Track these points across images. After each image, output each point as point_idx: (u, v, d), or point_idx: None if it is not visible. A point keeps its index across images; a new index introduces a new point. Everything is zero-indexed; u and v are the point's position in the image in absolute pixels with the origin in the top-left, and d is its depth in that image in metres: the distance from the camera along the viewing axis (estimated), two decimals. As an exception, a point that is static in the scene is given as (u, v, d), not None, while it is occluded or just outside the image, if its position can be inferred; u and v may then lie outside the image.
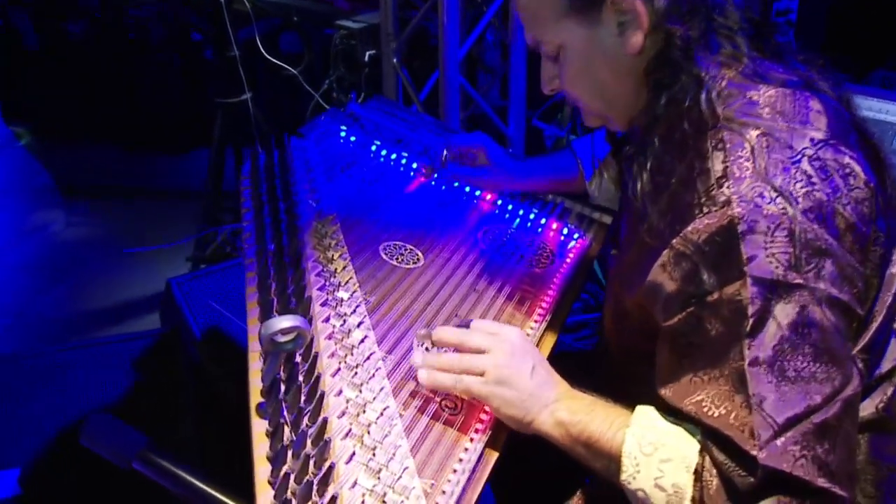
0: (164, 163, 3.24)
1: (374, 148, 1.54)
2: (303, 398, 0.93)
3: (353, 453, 0.93)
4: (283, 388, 0.92)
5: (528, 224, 1.46)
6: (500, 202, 1.49)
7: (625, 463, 0.86)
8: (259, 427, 0.91)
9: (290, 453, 0.85)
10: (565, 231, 1.46)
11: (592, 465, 0.94)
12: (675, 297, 0.90)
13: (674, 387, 0.90)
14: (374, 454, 0.93)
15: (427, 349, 1.03)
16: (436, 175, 1.46)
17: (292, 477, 0.82)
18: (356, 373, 1.02)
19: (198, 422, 1.79)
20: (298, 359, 0.99)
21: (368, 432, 0.95)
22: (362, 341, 1.07)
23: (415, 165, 1.53)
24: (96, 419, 0.88)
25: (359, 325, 1.09)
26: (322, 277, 1.16)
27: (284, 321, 0.89)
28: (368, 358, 1.05)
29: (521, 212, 1.49)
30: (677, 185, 0.92)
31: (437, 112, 2.42)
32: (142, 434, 0.89)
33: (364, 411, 0.97)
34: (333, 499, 0.81)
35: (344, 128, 1.57)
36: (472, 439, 0.99)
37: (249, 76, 2.22)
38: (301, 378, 0.95)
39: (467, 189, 1.50)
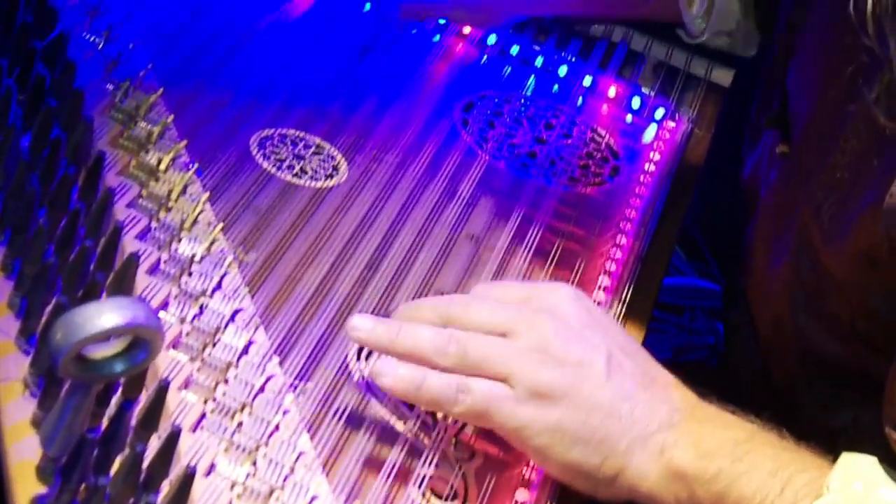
0: None
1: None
2: (141, 479, 0.90)
3: None
4: (93, 457, 0.89)
5: (556, 88, 1.47)
6: (492, 39, 1.49)
7: None
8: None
9: None
10: (636, 103, 1.47)
11: None
12: None
13: None
14: None
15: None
16: None
17: None
18: (241, 424, 1.00)
19: None
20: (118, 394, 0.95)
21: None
22: (244, 352, 1.05)
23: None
24: None
25: (233, 318, 1.07)
26: (143, 210, 1.12)
27: (107, 312, 0.85)
28: (262, 390, 1.03)
29: (539, 60, 1.49)
30: None
31: None
32: None
33: (269, 510, 0.95)
34: None
35: None
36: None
37: None
38: (131, 437, 0.92)
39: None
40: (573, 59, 1.49)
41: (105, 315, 0.85)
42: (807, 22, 1.17)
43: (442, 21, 1.47)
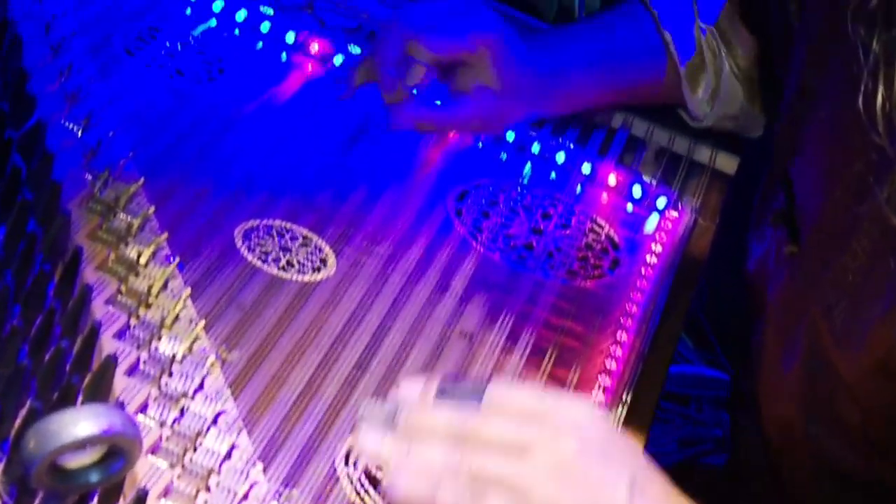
0: None
1: (194, -5, 1.54)
2: None
3: None
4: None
5: (553, 176, 1.48)
6: (488, 125, 1.50)
7: None
8: None
9: None
10: (637, 191, 1.48)
11: None
12: None
13: None
14: None
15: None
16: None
17: None
18: (222, 535, 1.00)
19: None
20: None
21: None
22: (227, 458, 1.05)
23: (290, 39, 1.52)
24: None
25: (215, 422, 1.07)
26: (121, 307, 1.13)
27: (83, 420, 0.85)
28: (245, 498, 1.03)
29: (536, 147, 1.50)
30: None
31: None
32: None
33: None
34: None
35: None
36: None
37: None
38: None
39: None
40: (571, 146, 1.50)
41: (80, 424, 0.85)
42: (811, 115, 1.18)
43: (437, 102, 1.47)
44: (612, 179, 1.48)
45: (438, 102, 1.44)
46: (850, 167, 1.07)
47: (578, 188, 1.47)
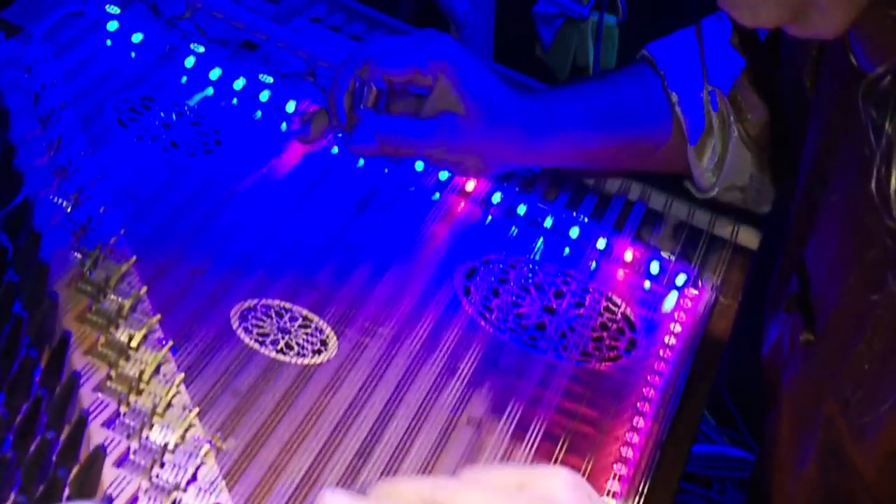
0: None
1: (190, 63, 1.53)
2: None
3: None
4: None
5: (567, 251, 1.47)
6: (497, 197, 1.50)
7: None
8: None
9: None
10: (655, 268, 1.47)
11: None
12: None
13: None
14: None
15: None
16: (341, 133, 1.44)
17: None
18: None
19: None
20: None
21: None
22: (220, 555, 1.04)
23: (290, 108, 1.53)
24: None
25: (209, 515, 1.07)
26: (111, 394, 1.12)
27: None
28: None
29: (548, 220, 1.50)
30: None
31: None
32: None
33: None
34: None
35: (115, 11, 1.54)
36: None
37: None
38: None
39: (419, 167, 1.50)
40: (586, 220, 1.49)
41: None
42: (825, 197, 1.17)
43: (443, 176, 1.47)
44: (628, 255, 1.47)
45: None
46: (864, 254, 1.07)
47: (593, 264, 1.46)
